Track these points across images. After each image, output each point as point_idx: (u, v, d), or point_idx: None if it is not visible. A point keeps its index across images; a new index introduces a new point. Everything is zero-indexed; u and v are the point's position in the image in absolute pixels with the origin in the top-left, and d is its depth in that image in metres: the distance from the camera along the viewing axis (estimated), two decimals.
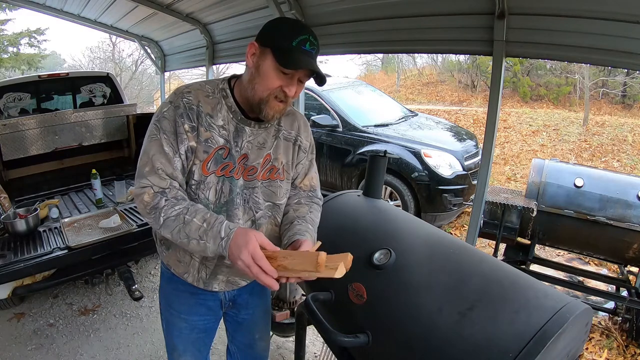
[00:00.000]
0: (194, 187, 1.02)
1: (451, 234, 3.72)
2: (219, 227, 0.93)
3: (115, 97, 3.96)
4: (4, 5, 9.49)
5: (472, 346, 0.84)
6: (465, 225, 4.30)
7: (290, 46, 0.92)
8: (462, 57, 12.05)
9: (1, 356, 2.21)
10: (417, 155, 3.86)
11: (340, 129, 4.36)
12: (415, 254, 1.09)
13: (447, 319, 0.90)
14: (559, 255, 3.59)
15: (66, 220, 2.40)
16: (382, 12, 2.48)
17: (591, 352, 2.43)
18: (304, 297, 1.63)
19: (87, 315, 2.62)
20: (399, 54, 13.29)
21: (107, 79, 3.96)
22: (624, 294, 2.64)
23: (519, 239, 2.83)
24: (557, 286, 2.51)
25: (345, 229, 1.32)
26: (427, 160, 3.81)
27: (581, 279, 3.04)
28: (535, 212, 2.53)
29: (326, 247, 1.05)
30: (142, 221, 2.31)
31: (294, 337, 1.51)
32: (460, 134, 4.69)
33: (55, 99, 3.77)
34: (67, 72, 3.77)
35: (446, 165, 3.83)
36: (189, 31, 4.47)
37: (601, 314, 2.75)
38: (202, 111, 0.99)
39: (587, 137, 7.48)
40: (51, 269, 2.04)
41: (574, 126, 8.05)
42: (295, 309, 1.79)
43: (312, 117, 4.40)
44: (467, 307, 0.90)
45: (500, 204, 2.61)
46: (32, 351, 2.26)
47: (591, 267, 3.45)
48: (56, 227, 2.33)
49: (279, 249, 0.93)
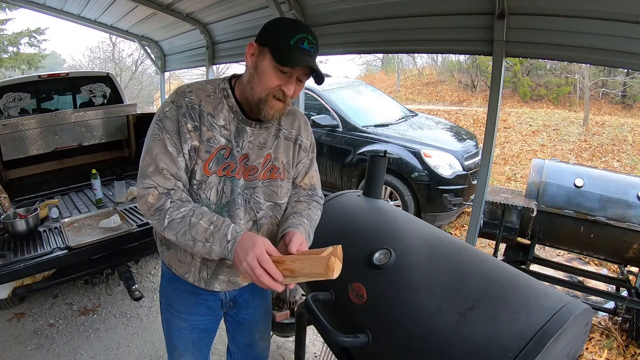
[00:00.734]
0: (195, 187, 1.01)
1: (451, 234, 3.72)
2: (225, 230, 0.93)
3: (115, 97, 3.96)
4: (4, 5, 9.49)
5: (472, 346, 0.84)
6: (465, 225, 4.30)
7: (288, 45, 0.92)
8: (462, 57, 12.06)
9: (1, 356, 2.21)
10: (417, 155, 3.86)
11: (340, 129, 4.36)
12: (415, 254, 1.09)
13: (447, 319, 0.90)
14: (559, 255, 3.59)
15: (66, 220, 2.40)
16: (382, 12, 2.48)
17: (591, 352, 2.43)
18: (304, 297, 1.63)
19: (87, 315, 2.62)
20: (399, 54, 13.29)
21: (107, 79, 3.96)
22: (624, 294, 2.64)
23: (519, 239, 2.83)
24: (557, 286, 2.51)
25: (345, 229, 1.32)
26: (427, 160, 3.81)
27: (581, 279, 3.04)
28: (535, 212, 2.53)
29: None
30: (142, 221, 2.31)
31: (294, 337, 1.51)
32: (460, 134, 4.69)
33: (55, 99, 3.77)
34: (67, 72, 3.77)
35: (446, 165, 3.84)
36: (189, 31, 4.47)
37: (601, 314, 2.75)
38: (204, 111, 0.99)
39: (587, 137, 7.48)
40: (51, 269, 2.04)
41: (574, 126, 8.05)
42: (295, 309, 1.79)
43: (312, 117, 4.40)
44: (467, 307, 0.90)
45: (500, 204, 2.61)
46: (32, 351, 2.26)
47: (591, 267, 3.45)
48: (56, 227, 2.33)
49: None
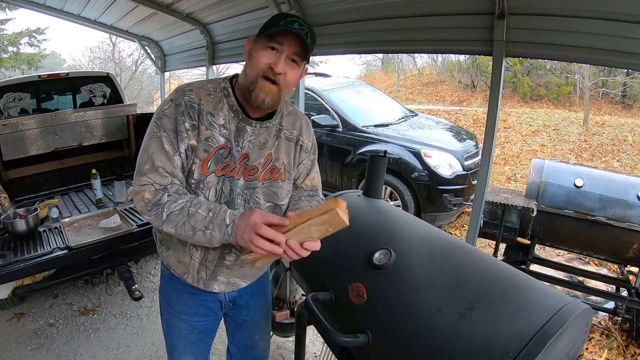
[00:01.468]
0: (193, 186, 1.01)
1: (451, 234, 3.72)
2: (223, 215, 0.93)
3: (115, 97, 3.96)
4: (4, 5, 9.50)
5: (472, 346, 0.84)
6: (465, 225, 4.30)
7: (277, 25, 0.95)
8: (462, 57, 12.06)
9: (1, 356, 2.21)
10: (417, 155, 3.86)
11: (340, 129, 4.36)
12: (415, 254, 1.09)
13: (447, 319, 0.90)
14: (559, 255, 3.59)
15: (66, 220, 2.40)
16: (382, 12, 2.48)
17: (591, 352, 2.43)
18: (304, 297, 1.63)
19: (87, 315, 2.62)
20: (399, 54, 13.29)
21: (107, 79, 3.96)
22: (624, 294, 2.64)
23: (519, 239, 2.83)
24: (557, 286, 2.51)
25: (345, 229, 1.32)
26: (427, 160, 3.81)
27: (581, 279, 3.04)
28: (535, 212, 2.53)
29: (326, 247, 1.05)
30: (142, 221, 2.31)
31: (294, 337, 1.51)
32: (460, 134, 4.69)
33: (55, 99, 3.76)
34: (67, 72, 3.76)
35: (446, 165, 3.84)
36: (189, 31, 4.47)
37: (601, 314, 2.75)
38: (203, 109, 0.99)
39: (587, 137, 7.48)
40: (51, 269, 2.05)
41: (574, 126, 8.06)
42: (295, 309, 1.79)
43: (312, 117, 4.40)
44: (467, 307, 0.90)
45: (500, 204, 2.61)
46: (32, 351, 2.26)
47: (591, 267, 3.45)
48: (56, 227, 2.33)
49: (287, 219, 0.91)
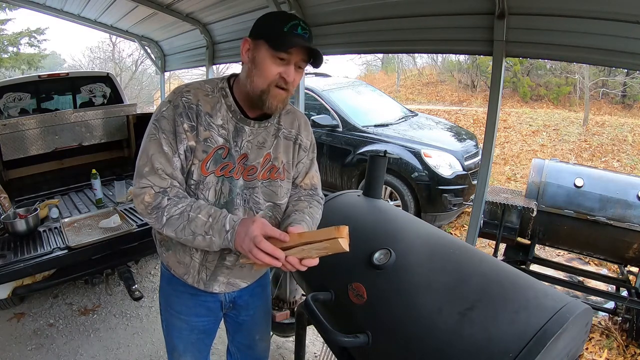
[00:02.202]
0: (192, 187, 1.01)
1: (451, 234, 3.72)
2: (223, 221, 0.94)
3: (115, 97, 3.96)
4: (4, 5, 9.49)
5: (472, 346, 0.84)
6: (465, 225, 4.30)
7: (282, 31, 0.93)
8: (462, 57, 12.06)
9: (1, 356, 2.21)
10: (417, 155, 3.86)
11: (340, 129, 4.36)
12: (415, 254, 1.09)
13: (447, 319, 0.90)
14: (559, 255, 3.59)
15: (66, 220, 2.40)
16: (382, 12, 2.48)
17: (591, 352, 2.43)
18: (304, 297, 1.63)
19: (87, 315, 2.62)
20: (399, 54, 13.28)
21: (107, 79, 3.96)
22: (624, 294, 2.64)
23: (519, 239, 2.83)
24: (557, 286, 2.51)
25: None
26: (427, 160, 3.81)
27: (581, 279, 3.04)
28: (535, 212, 2.53)
29: None
30: (142, 221, 2.31)
31: (294, 337, 1.51)
32: (460, 134, 4.69)
33: (55, 99, 3.76)
34: (67, 72, 3.76)
35: (446, 165, 3.83)
36: (189, 31, 4.47)
37: (601, 314, 2.75)
38: (201, 110, 0.99)
39: (587, 137, 7.48)
40: (51, 269, 2.04)
41: (574, 126, 8.05)
42: (295, 309, 1.79)
43: (312, 117, 4.40)
44: (467, 307, 0.90)
45: (500, 204, 2.61)
46: (32, 351, 2.26)
47: (591, 267, 3.45)
48: (56, 227, 2.33)
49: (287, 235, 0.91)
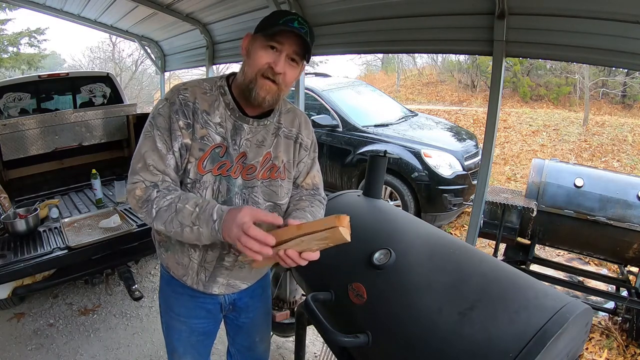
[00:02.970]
0: (189, 186, 1.00)
1: (451, 234, 3.72)
2: (210, 210, 0.89)
3: (115, 97, 3.96)
4: (4, 5, 9.50)
5: (472, 346, 0.84)
6: (465, 225, 4.30)
7: (277, 23, 0.94)
8: (462, 57, 12.06)
9: (1, 356, 2.21)
10: (417, 155, 3.86)
11: (340, 129, 4.36)
12: (415, 254, 1.09)
13: (447, 319, 0.90)
14: (559, 255, 3.59)
15: (66, 220, 2.40)
16: (382, 12, 2.48)
17: (591, 352, 2.43)
18: (304, 297, 1.63)
19: (87, 315, 2.62)
20: (399, 54, 13.28)
21: (107, 79, 3.96)
22: (624, 294, 2.64)
23: (519, 239, 2.83)
24: (557, 286, 2.51)
25: None
26: (427, 160, 3.81)
27: (581, 279, 3.04)
28: (535, 212, 2.53)
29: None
30: (142, 221, 2.31)
31: (294, 337, 1.51)
32: (460, 134, 4.69)
33: (55, 99, 3.76)
34: (67, 72, 3.76)
35: (446, 165, 3.83)
36: (189, 31, 4.47)
37: (601, 314, 2.75)
38: (198, 108, 0.98)
39: (587, 137, 7.48)
40: (51, 269, 2.04)
41: (574, 126, 8.06)
42: (295, 309, 1.79)
43: (312, 117, 4.40)
44: (467, 307, 0.90)
45: (500, 204, 2.61)
46: (32, 351, 2.26)
47: (591, 267, 3.45)
48: (56, 227, 2.33)
49: (280, 218, 0.88)
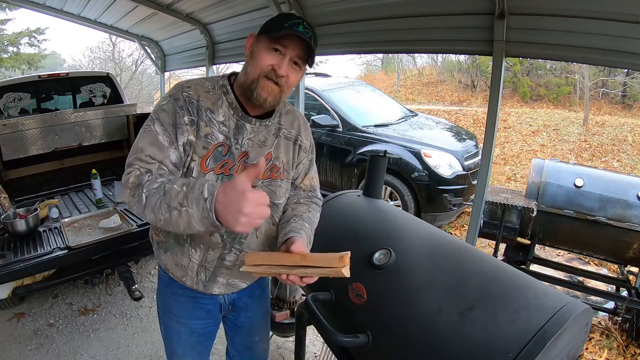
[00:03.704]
0: None
1: (451, 234, 3.72)
2: (200, 188, 0.79)
3: (115, 97, 3.96)
4: (4, 5, 9.50)
5: (472, 346, 0.84)
6: (465, 225, 4.30)
7: (282, 26, 0.94)
8: (462, 57, 12.05)
9: (1, 356, 2.21)
10: (417, 155, 3.86)
11: (340, 129, 4.36)
12: (415, 254, 1.09)
13: (447, 319, 0.90)
14: (559, 255, 3.59)
15: (66, 220, 2.40)
16: (382, 12, 2.48)
17: (591, 352, 2.43)
18: (304, 297, 1.63)
19: (87, 315, 2.62)
20: (399, 54, 13.28)
21: (107, 79, 3.96)
22: (624, 294, 2.64)
23: (519, 239, 2.83)
24: (557, 286, 2.51)
25: (345, 229, 1.32)
26: (427, 160, 3.81)
27: (581, 279, 3.04)
28: (535, 212, 2.53)
29: (326, 247, 1.05)
30: (142, 221, 2.31)
31: (294, 337, 1.51)
32: (460, 134, 4.69)
33: (55, 99, 3.76)
34: (67, 72, 3.76)
35: (446, 165, 3.83)
36: (189, 31, 4.47)
37: (601, 314, 2.75)
38: (202, 106, 0.98)
39: (587, 137, 7.48)
40: (51, 269, 2.04)
41: (574, 126, 8.05)
42: (295, 309, 1.79)
43: (312, 117, 4.40)
44: (467, 307, 0.90)
45: (500, 204, 2.61)
46: (32, 351, 2.26)
47: (591, 267, 3.45)
48: (56, 227, 2.33)
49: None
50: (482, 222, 2.68)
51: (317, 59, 1.03)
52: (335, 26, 2.83)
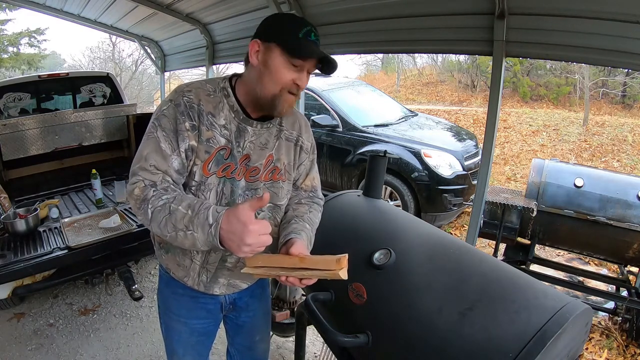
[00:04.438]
0: (193, 188, 1.00)
1: (451, 234, 3.72)
2: (205, 213, 0.84)
3: (115, 97, 3.96)
4: (4, 5, 9.50)
5: (472, 346, 0.84)
6: (465, 225, 4.30)
7: (297, 38, 0.93)
8: (462, 57, 12.06)
9: (1, 356, 2.21)
10: (417, 155, 3.86)
11: (340, 129, 4.36)
12: (415, 254, 1.09)
13: (447, 319, 0.90)
14: (559, 255, 3.59)
15: (66, 220, 2.40)
16: (382, 12, 2.48)
17: (591, 352, 2.43)
18: (304, 297, 1.63)
19: (87, 315, 2.62)
20: (399, 54, 13.29)
21: (107, 79, 3.96)
22: (624, 294, 2.64)
23: (519, 239, 2.83)
24: (557, 286, 2.51)
25: (345, 229, 1.32)
26: (427, 160, 3.81)
27: (581, 279, 3.04)
28: (535, 212, 2.53)
29: (326, 247, 1.05)
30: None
31: (294, 337, 1.51)
32: (460, 134, 4.69)
33: (55, 99, 3.76)
34: (67, 72, 3.76)
35: (446, 165, 3.84)
36: (189, 31, 4.47)
37: (601, 314, 2.76)
38: (203, 110, 0.98)
39: (587, 137, 7.48)
40: (51, 269, 2.04)
41: (574, 126, 8.06)
42: (295, 309, 1.79)
43: (312, 117, 4.40)
44: (467, 307, 0.90)
45: (500, 204, 2.61)
46: (32, 351, 2.26)
47: (591, 267, 3.45)
48: (56, 227, 2.33)
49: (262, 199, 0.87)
50: (482, 222, 2.68)
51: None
52: (335, 26, 2.83)
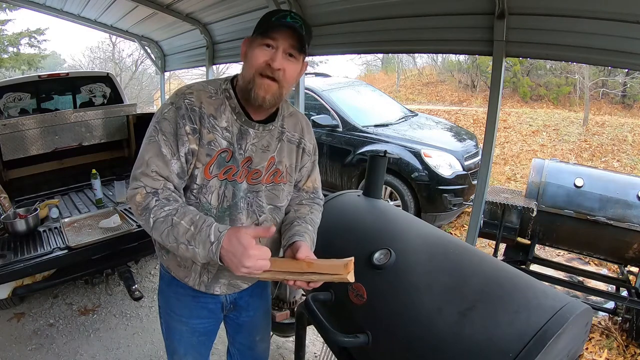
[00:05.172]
0: (195, 191, 1.00)
1: (451, 234, 3.72)
2: (207, 231, 0.87)
3: (115, 97, 3.96)
4: (4, 5, 9.51)
5: (472, 346, 0.84)
6: (465, 225, 4.30)
7: (270, 21, 0.94)
8: (462, 57, 12.07)
9: (1, 356, 2.21)
10: (417, 155, 3.86)
11: (340, 129, 4.36)
12: (415, 254, 1.09)
13: (447, 319, 0.90)
14: (559, 255, 3.59)
15: (66, 220, 2.40)
16: (382, 12, 2.49)
17: (591, 352, 2.43)
18: (304, 297, 1.63)
19: (87, 315, 2.62)
20: (399, 54, 13.29)
21: (107, 79, 3.96)
22: (624, 294, 2.64)
23: (519, 239, 2.83)
24: (557, 286, 2.51)
25: (345, 229, 1.32)
26: (427, 160, 3.81)
27: (581, 279, 3.04)
28: (535, 212, 2.53)
29: (326, 247, 1.05)
30: None
31: (294, 337, 1.51)
32: (460, 134, 4.70)
33: (55, 99, 3.76)
34: (67, 72, 3.76)
35: (446, 165, 3.84)
36: (189, 31, 4.47)
37: (601, 314, 2.76)
38: (204, 113, 0.97)
39: (587, 137, 7.48)
40: (51, 269, 2.04)
41: (574, 126, 8.06)
42: (295, 309, 1.79)
43: (312, 117, 4.40)
44: (467, 307, 0.90)
45: (500, 204, 2.61)
46: (32, 351, 2.26)
47: (591, 267, 3.45)
48: (56, 227, 2.33)
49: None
50: (482, 222, 2.68)
51: (317, 59, 1.02)
52: (335, 26, 2.82)
